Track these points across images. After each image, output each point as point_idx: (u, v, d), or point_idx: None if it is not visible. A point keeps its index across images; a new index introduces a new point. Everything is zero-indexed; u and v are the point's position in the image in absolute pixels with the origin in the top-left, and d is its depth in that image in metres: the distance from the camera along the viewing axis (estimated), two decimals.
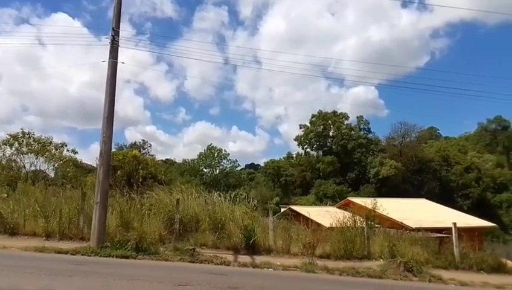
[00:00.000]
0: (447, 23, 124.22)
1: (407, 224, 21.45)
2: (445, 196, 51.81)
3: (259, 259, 10.80)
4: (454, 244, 12.57)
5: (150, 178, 21.03)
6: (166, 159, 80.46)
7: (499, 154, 74.25)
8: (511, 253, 17.79)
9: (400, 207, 26.64)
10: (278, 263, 10.47)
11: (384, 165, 58.50)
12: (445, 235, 15.54)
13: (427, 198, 39.96)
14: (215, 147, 73.20)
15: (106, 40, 11.78)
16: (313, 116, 70.41)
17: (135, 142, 72.76)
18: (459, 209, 38.27)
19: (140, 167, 21.18)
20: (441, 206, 34.34)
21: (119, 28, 11.70)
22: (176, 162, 79.66)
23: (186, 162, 74.82)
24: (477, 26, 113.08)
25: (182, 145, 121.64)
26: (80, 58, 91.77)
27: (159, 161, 57.94)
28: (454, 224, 12.89)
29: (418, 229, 17.09)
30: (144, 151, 67.05)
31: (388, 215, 21.19)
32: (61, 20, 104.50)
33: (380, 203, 16.99)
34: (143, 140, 74.94)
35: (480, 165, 65.18)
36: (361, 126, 71.44)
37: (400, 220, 22.62)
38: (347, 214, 14.57)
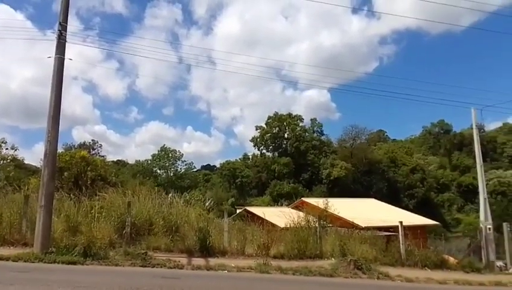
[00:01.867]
0: (393, 30, 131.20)
1: (357, 223, 22.25)
2: (392, 196, 54.44)
3: (213, 261, 10.72)
4: (400, 242, 13.22)
5: (99, 180, 20.13)
6: (118, 160, 77.84)
7: (442, 156, 79.24)
8: (452, 250, 19.08)
9: (350, 207, 27.58)
10: (233, 265, 10.45)
11: (335, 167, 60.38)
12: (392, 233, 16.29)
13: (375, 198, 41.75)
14: (169, 148, 71.86)
15: (52, 35, 11.21)
16: (269, 117, 71.27)
17: (84, 143, 69.43)
18: (405, 209, 40.38)
19: (89, 169, 20.20)
20: (389, 205, 36.04)
21: (66, 23, 11.14)
22: (128, 163, 77.19)
23: (139, 163, 72.68)
24: (422, 34, 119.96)
25: (134, 146, 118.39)
26: (22, 53, 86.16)
27: (109, 162, 55.72)
28: (401, 223, 13.55)
29: (368, 228, 17.76)
30: (93, 152, 64.18)
31: (339, 215, 21.87)
32: (1, 11, 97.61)
33: (331, 203, 17.47)
34: (93, 140, 71.72)
35: (425, 167, 69.19)
36: (315, 128, 73.30)
37: (350, 220, 23.40)
38: (301, 214, 14.85)
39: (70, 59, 11.37)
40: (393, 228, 14.50)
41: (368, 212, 27.28)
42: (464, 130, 73.66)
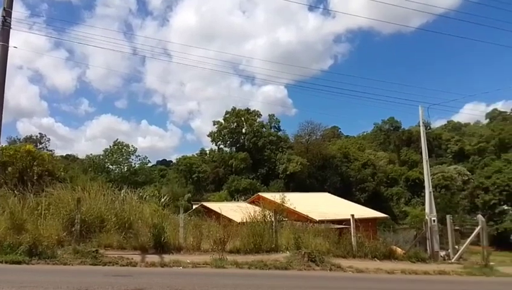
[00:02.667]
0: (347, 29, 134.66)
1: (312, 217, 22.80)
2: (345, 190, 56.36)
3: (168, 258, 10.56)
4: (352, 234, 13.75)
5: (47, 175, 19.05)
6: (67, 155, 74.31)
7: (391, 152, 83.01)
8: (400, 241, 20.08)
9: (305, 201, 28.19)
10: (188, 261, 10.36)
11: (291, 162, 61.39)
12: (344, 226, 16.87)
13: (329, 192, 43.02)
14: (122, 142, 69.46)
15: None
16: (227, 112, 70.92)
17: (30, 136, 65.81)
18: (357, 202, 41.95)
19: (35, 163, 19.05)
20: (342, 199, 37.26)
21: (11, 8, 10.49)
22: (78, 158, 73.80)
23: (90, 158, 69.68)
24: (373, 34, 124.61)
25: (84, 140, 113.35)
26: None
27: (58, 156, 53.00)
28: (352, 216, 14.06)
29: (322, 222, 18.25)
30: (40, 146, 60.94)
31: (295, 209, 22.29)
32: None
33: (287, 197, 17.76)
34: (40, 133, 68.19)
35: (375, 162, 72.10)
36: (273, 124, 74.00)
37: (305, 213, 23.94)
38: (257, 209, 14.98)
39: (15, 47, 10.79)
40: (346, 221, 15.01)
41: (322, 206, 28.04)
42: (412, 127, 77.62)
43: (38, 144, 59.94)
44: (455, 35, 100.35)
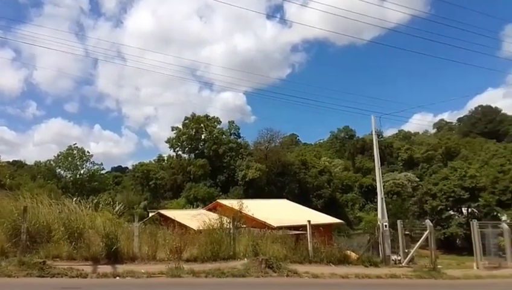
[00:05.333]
0: (303, 39, 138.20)
1: (270, 223, 22.98)
2: (303, 196, 57.28)
3: (122, 268, 10.19)
4: (308, 240, 13.95)
5: None
6: (14, 161, 69.93)
7: (346, 159, 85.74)
8: (354, 246, 20.64)
9: (264, 207, 28.41)
10: (143, 271, 10.05)
11: (250, 168, 61.61)
12: (301, 232, 17.11)
13: (287, 198, 43.60)
14: (77, 146, 66.53)
15: None
16: (186, 118, 70.01)
17: None
18: (314, 208, 42.82)
19: None
20: (299, 205, 37.91)
21: None
22: (26, 164, 69.68)
23: (39, 164, 65.99)
24: (328, 45, 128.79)
25: (32, 145, 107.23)
26: None
27: (3, 162, 49.92)
28: (309, 222, 14.30)
29: (279, 228, 18.44)
30: None
31: (253, 216, 22.37)
32: None
33: (246, 204, 17.82)
34: None
35: (331, 169, 74.11)
36: (232, 131, 73.99)
37: (263, 220, 24.08)
38: (215, 216, 14.86)
39: None
40: (303, 227, 15.22)
41: (280, 212, 28.38)
42: (366, 135, 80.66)
43: None
44: (405, 48, 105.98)
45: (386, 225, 16.63)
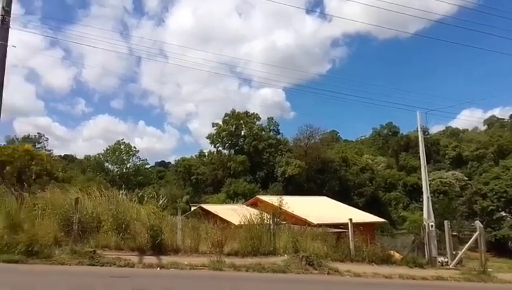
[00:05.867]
0: (344, 34, 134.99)
1: (310, 220, 22.77)
2: (343, 194, 56.27)
3: (166, 259, 10.52)
4: (350, 238, 13.70)
5: (45, 175, 19.04)
6: (66, 155, 74.17)
7: (389, 157, 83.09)
8: (398, 246, 20.04)
9: (303, 204, 28.21)
10: (186, 263, 10.32)
11: (290, 165, 61.35)
12: (342, 230, 16.85)
13: (328, 196, 42.99)
14: (125, 142, 69.34)
15: None
16: (226, 115, 70.90)
17: (28, 135, 65.77)
18: (355, 206, 41.95)
19: (33, 163, 19.03)
20: (340, 203, 37.29)
21: (10, 8, 10.45)
22: (76, 158, 73.71)
23: (89, 158, 69.52)
24: (370, 39, 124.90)
25: (81, 140, 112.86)
26: None
27: (56, 156, 53.05)
28: (350, 220, 14.04)
29: (319, 225, 18.24)
30: (39, 146, 60.90)
31: (293, 212, 22.30)
32: None
33: (285, 201, 17.74)
34: (38, 133, 68.08)
35: (374, 166, 72.19)
36: (271, 127, 74.00)
37: (303, 217, 23.92)
38: (255, 211, 14.95)
39: (14, 46, 10.67)
40: (344, 225, 14.98)
41: (320, 209, 28.04)
42: (410, 132, 77.72)
43: (36, 144, 59.87)
44: (452, 41, 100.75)
45: (432, 225, 16.01)
